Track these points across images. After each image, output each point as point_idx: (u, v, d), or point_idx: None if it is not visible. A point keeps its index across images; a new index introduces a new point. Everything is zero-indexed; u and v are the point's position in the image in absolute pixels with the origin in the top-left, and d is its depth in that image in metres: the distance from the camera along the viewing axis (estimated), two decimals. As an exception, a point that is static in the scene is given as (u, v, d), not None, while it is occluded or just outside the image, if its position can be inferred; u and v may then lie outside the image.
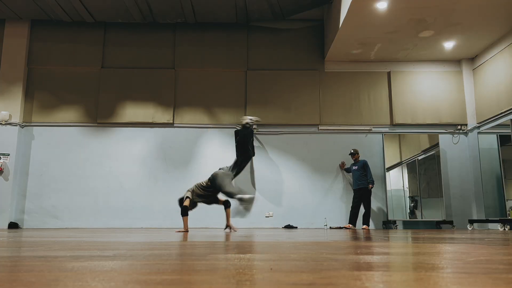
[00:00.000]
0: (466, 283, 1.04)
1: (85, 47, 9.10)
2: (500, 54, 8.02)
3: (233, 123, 8.87)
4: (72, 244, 2.68)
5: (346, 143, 8.81)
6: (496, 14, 7.11)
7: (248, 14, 8.74)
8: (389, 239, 3.49)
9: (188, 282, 1.06)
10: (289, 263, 1.52)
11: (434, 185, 8.56)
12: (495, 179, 8.05)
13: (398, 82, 9.02)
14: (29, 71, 8.98)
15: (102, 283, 1.02)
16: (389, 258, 1.73)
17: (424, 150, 8.87)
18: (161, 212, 8.51)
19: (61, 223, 8.46)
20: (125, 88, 8.94)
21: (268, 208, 8.58)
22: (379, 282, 1.07)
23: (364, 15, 7.17)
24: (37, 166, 8.62)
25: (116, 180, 8.62)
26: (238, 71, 9.09)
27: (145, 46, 9.16)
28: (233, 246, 2.53)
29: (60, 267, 1.35)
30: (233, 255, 1.85)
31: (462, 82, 8.99)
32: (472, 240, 3.38)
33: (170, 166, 8.71)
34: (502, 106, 7.85)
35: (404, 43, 8.29)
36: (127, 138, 8.80)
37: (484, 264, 1.49)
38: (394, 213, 8.59)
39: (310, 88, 9.00)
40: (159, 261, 1.56)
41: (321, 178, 8.71)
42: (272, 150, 8.80)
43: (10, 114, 8.58)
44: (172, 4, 8.26)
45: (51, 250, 2.11)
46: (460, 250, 2.17)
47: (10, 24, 8.96)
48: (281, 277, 1.13)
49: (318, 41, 9.25)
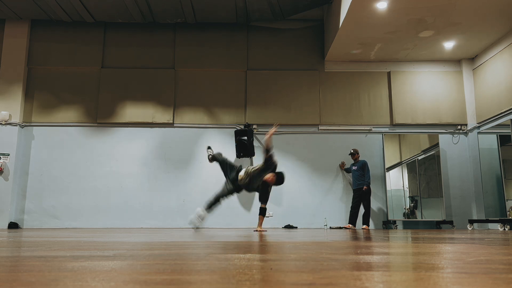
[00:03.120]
0: (466, 283, 1.04)
1: (85, 47, 9.09)
2: (500, 54, 8.02)
3: (233, 123, 8.87)
4: (72, 244, 2.68)
5: (346, 143, 8.81)
6: (496, 14, 7.11)
7: (248, 14, 8.74)
8: (389, 239, 3.49)
9: (188, 282, 1.06)
10: (289, 263, 1.52)
11: (434, 185, 8.56)
12: (495, 179, 8.05)
13: (398, 82, 9.02)
14: (29, 71, 8.98)
15: (102, 283, 1.02)
16: (389, 258, 1.73)
17: (424, 150, 8.87)
18: (161, 212, 8.51)
19: (61, 223, 8.45)
20: (125, 88, 8.94)
21: (268, 208, 8.56)
22: (379, 282, 1.07)
23: (364, 15, 7.17)
24: (37, 166, 8.62)
25: (116, 180, 8.62)
26: (238, 71, 9.09)
27: (145, 46, 9.16)
28: (233, 246, 2.53)
29: (60, 267, 1.35)
30: (233, 255, 1.85)
31: (462, 82, 8.99)
32: (472, 240, 3.38)
33: (170, 166, 8.71)
34: (502, 106, 7.85)
35: (404, 43, 8.29)
36: (127, 138, 8.80)
37: (484, 264, 1.49)
38: (394, 213, 8.59)
39: (310, 88, 9.00)
40: (159, 261, 1.56)
41: (321, 178, 8.71)
42: (272, 150, 8.78)
43: (10, 114, 8.58)
44: (172, 4, 8.26)
45: (51, 250, 2.11)
46: (460, 250, 2.17)
47: (10, 24, 8.96)
48: (281, 277, 1.13)
49: (318, 41, 9.25)
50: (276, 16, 8.87)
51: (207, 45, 9.17)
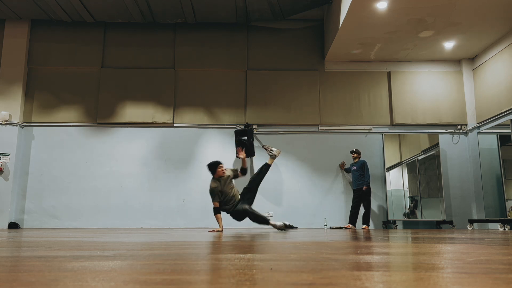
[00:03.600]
0: (466, 283, 1.04)
1: (85, 47, 9.09)
2: (500, 54, 8.02)
3: (233, 123, 8.87)
4: (72, 244, 2.68)
5: (346, 143, 8.81)
6: (496, 14, 7.11)
7: (248, 14, 8.74)
8: (389, 239, 3.49)
9: (188, 282, 1.06)
10: (289, 263, 1.52)
11: (434, 185, 8.56)
12: (495, 179, 8.05)
13: (398, 82, 9.02)
14: (29, 71, 8.98)
15: (102, 283, 1.02)
16: (389, 258, 1.73)
17: (424, 150, 8.87)
18: (161, 212, 8.51)
19: (61, 223, 8.46)
20: (125, 88, 8.94)
21: (268, 208, 8.57)
22: (379, 282, 1.07)
23: (364, 15, 7.17)
24: (37, 166, 8.62)
25: (116, 180, 8.62)
26: (238, 71, 9.09)
27: (145, 46, 9.16)
28: (233, 246, 2.53)
29: (60, 267, 1.35)
30: (233, 255, 1.85)
31: (462, 82, 8.99)
32: (472, 240, 3.38)
33: (170, 166, 8.71)
34: (502, 106, 7.85)
35: (404, 43, 8.29)
36: (127, 138, 8.80)
37: (484, 264, 1.49)
38: (394, 213, 8.59)
39: (310, 88, 9.00)
40: (159, 261, 1.56)
41: (321, 178, 8.71)
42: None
43: (10, 114, 8.58)
44: (172, 4, 8.26)
45: (51, 250, 2.11)
46: (460, 250, 2.17)
47: (10, 24, 8.96)
48: (281, 277, 1.13)
49: (318, 41, 9.25)
50: (276, 16, 8.87)
51: (207, 45, 9.17)
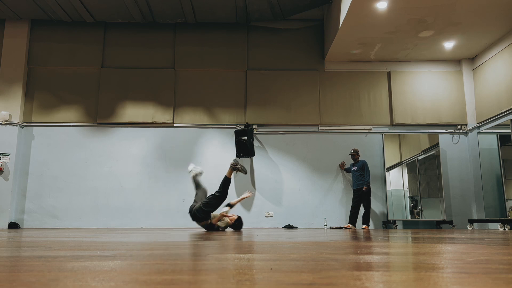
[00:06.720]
0: (466, 283, 1.04)
1: (85, 47, 9.10)
2: (500, 54, 8.02)
3: (233, 123, 8.87)
4: (72, 244, 2.68)
5: (346, 143, 8.81)
6: (496, 14, 7.11)
7: (248, 14, 8.74)
8: (389, 239, 3.49)
9: (188, 282, 1.06)
10: (289, 263, 1.52)
11: (434, 185, 8.56)
12: (495, 179, 8.05)
13: (398, 82, 9.02)
14: (29, 71, 8.98)
15: (102, 283, 1.02)
16: (389, 258, 1.73)
17: (424, 150, 8.87)
18: (161, 212, 8.51)
19: (61, 223, 8.46)
20: (125, 88, 8.94)
21: (268, 208, 8.58)
22: (379, 282, 1.07)
23: (364, 15, 7.17)
24: (37, 166, 8.62)
25: (116, 180, 8.62)
26: (238, 71, 9.09)
27: (145, 46, 9.16)
28: (233, 246, 2.53)
29: (60, 267, 1.35)
30: (233, 255, 1.85)
31: (462, 82, 8.99)
32: (472, 240, 3.38)
33: (170, 166, 8.71)
34: (502, 106, 7.85)
35: (404, 43, 8.29)
36: (127, 138, 8.80)
37: (484, 264, 1.49)
38: (394, 213, 8.59)
39: (310, 88, 9.00)
40: (159, 261, 1.56)
41: (321, 178, 8.71)
42: (272, 150, 8.80)
43: (10, 114, 8.58)
44: (172, 4, 8.26)
45: (51, 250, 2.11)
46: (460, 250, 2.17)
47: (10, 24, 8.96)
48: (281, 277, 1.13)
49: (318, 41, 9.25)
50: (276, 16, 8.87)
51: (207, 45, 9.17)
